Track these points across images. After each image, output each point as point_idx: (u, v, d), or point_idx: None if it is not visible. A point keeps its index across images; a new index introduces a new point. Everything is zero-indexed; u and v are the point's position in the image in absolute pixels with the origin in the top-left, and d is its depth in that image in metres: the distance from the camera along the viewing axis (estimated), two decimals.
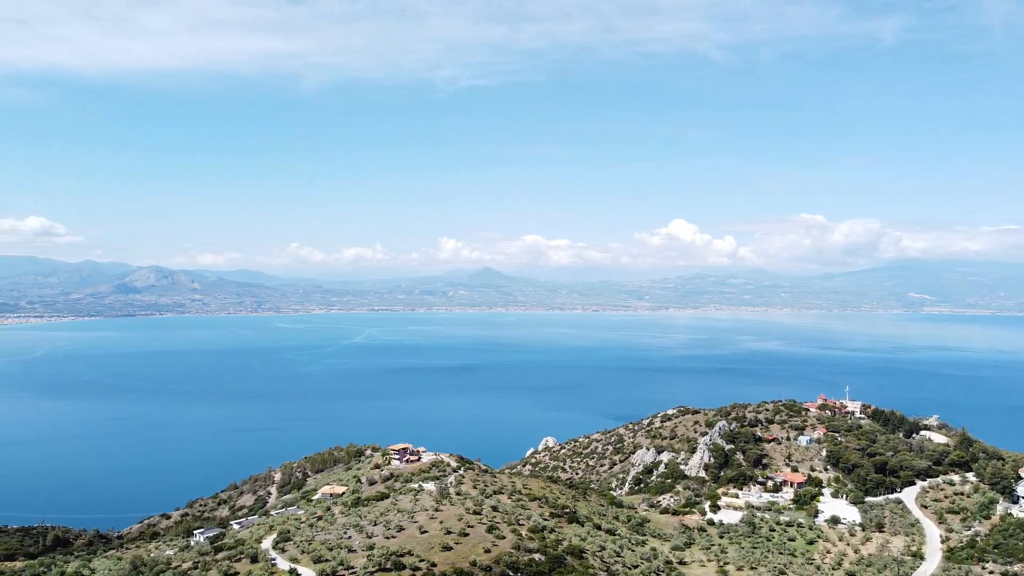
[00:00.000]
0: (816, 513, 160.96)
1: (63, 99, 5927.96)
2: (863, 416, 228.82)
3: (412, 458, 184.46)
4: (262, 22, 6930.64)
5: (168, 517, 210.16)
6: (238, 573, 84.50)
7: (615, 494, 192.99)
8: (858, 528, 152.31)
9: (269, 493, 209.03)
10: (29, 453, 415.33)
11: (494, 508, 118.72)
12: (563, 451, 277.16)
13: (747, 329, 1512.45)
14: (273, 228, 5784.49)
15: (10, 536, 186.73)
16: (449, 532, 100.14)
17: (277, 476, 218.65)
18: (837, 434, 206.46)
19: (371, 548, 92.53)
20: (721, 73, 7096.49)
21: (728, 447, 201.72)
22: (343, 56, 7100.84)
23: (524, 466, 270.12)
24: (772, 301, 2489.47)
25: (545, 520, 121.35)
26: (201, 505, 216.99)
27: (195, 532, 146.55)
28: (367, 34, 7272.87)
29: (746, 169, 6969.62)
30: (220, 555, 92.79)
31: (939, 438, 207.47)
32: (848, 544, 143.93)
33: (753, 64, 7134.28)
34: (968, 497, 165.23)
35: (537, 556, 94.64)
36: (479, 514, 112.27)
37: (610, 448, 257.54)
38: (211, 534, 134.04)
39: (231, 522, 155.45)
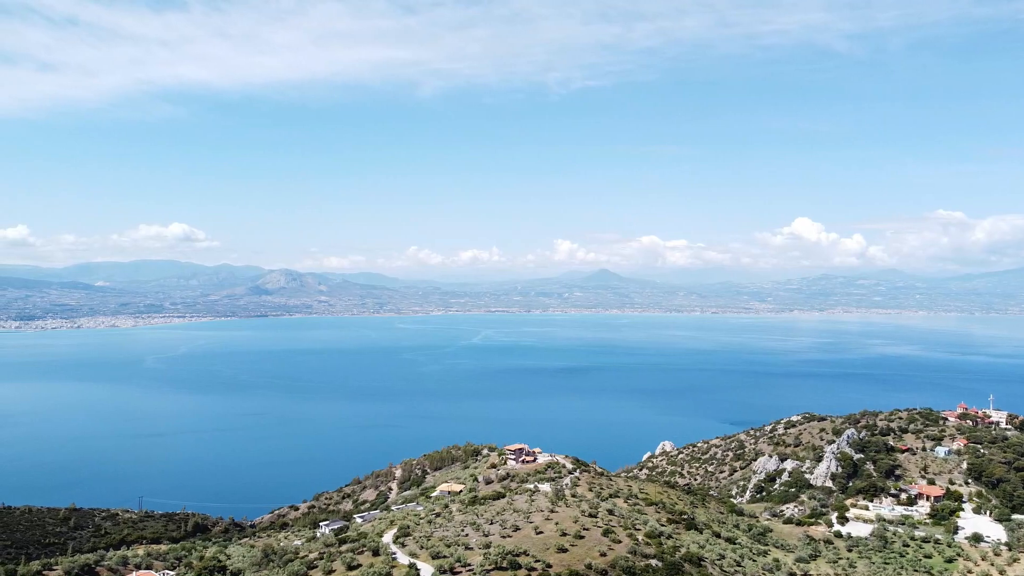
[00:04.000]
0: (956, 529, 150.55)
1: (202, 113, 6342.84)
2: (1010, 427, 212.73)
3: (528, 459, 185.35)
4: (381, 32, 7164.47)
5: (296, 509, 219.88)
6: (361, 565, 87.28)
7: (735, 502, 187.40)
8: (1004, 547, 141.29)
9: (390, 489, 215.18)
10: (172, 445, 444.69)
11: (610, 511, 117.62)
12: (681, 456, 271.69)
13: (878, 332, 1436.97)
14: (394, 232, 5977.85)
15: (156, 521, 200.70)
16: (564, 534, 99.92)
17: (397, 472, 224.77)
18: (980, 446, 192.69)
19: (487, 546, 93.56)
20: (846, 64, 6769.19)
21: (857, 456, 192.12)
22: (458, 62, 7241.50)
23: (640, 470, 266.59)
24: (905, 303, 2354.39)
25: (662, 526, 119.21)
26: (327, 498, 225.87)
27: (321, 524, 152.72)
28: (481, 40, 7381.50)
29: (875, 164, 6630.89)
30: (344, 547, 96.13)
31: None
32: (992, 564, 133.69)
33: (881, 54, 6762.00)
34: None
35: (654, 562, 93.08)
36: (595, 517, 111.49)
37: (730, 454, 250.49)
38: (336, 526, 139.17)
39: (354, 515, 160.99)
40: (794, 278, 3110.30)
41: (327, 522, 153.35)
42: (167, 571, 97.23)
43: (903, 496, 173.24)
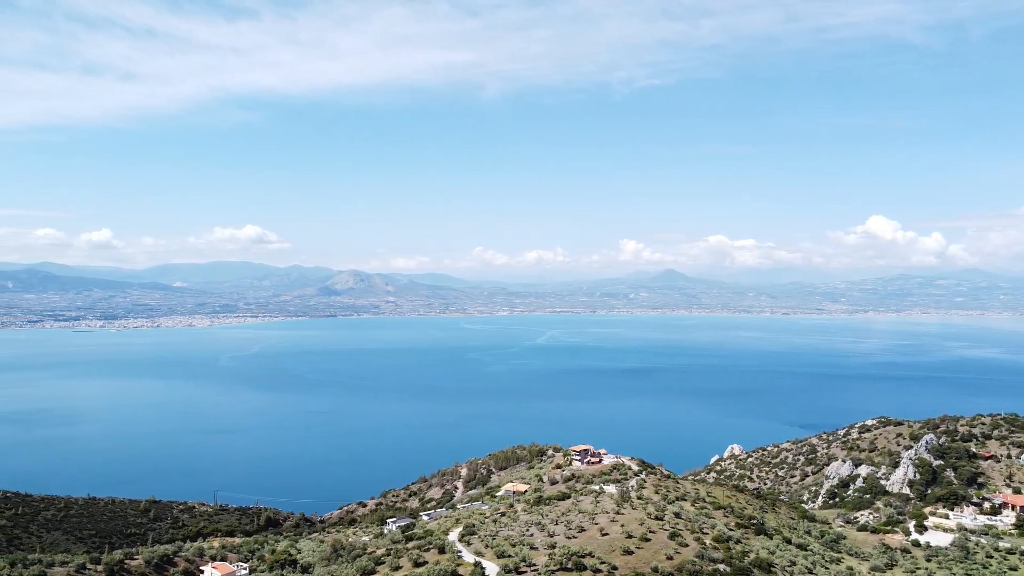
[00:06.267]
0: None
1: (272, 118, 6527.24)
2: None
3: (593, 460, 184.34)
4: (444, 35, 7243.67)
5: (364, 505, 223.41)
6: (427, 562, 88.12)
7: (806, 507, 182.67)
8: None
9: (455, 487, 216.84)
10: (246, 441, 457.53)
11: (676, 515, 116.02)
12: (750, 460, 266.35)
13: (958, 334, 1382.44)
14: (459, 233, 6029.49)
15: (230, 514, 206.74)
16: (630, 536, 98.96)
17: (463, 471, 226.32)
18: None
19: (552, 547, 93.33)
20: (922, 57, 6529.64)
21: (936, 463, 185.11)
22: (521, 63, 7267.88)
23: (708, 473, 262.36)
24: (989, 304, 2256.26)
25: (730, 530, 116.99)
26: (393, 496, 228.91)
27: (388, 521, 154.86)
28: (543, 40, 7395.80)
29: (955, 160, 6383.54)
30: (411, 544, 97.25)
31: None
32: None
33: (960, 45, 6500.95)
34: None
35: (722, 567, 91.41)
36: (661, 520, 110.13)
37: (801, 459, 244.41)
38: (402, 523, 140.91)
39: (421, 513, 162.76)
40: (869, 278, 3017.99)
41: (394, 519, 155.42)
42: (241, 563, 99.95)
43: (986, 505, 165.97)
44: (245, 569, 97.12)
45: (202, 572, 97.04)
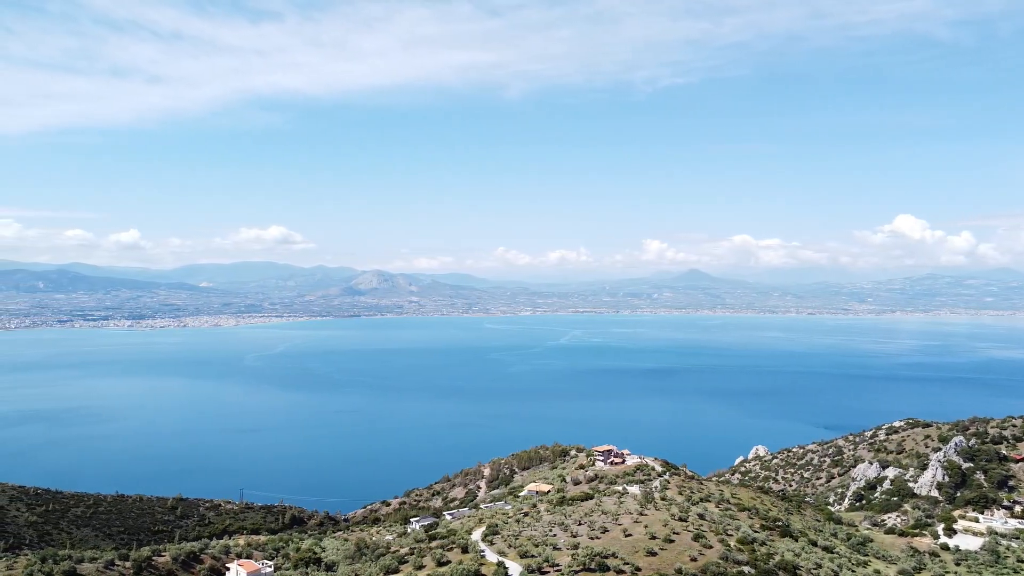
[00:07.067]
0: None
1: (297, 120, 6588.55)
2: None
3: (616, 460, 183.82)
4: (466, 36, 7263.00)
5: (388, 504, 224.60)
6: (450, 562, 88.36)
7: (832, 509, 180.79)
8: None
9: (478, 487, 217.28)
10: (271, 440, 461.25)
11: (700, 516, 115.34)
12: (775, 461, 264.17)
13: (989, 335, 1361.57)
14: (482, 233, 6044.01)
15: (256, 512, 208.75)
16: (654, 537, 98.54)
17: (486, 471, 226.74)
18: None
19: (575, 547, 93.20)
20: (949, 53, 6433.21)
21: (966, 465, 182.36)
22: (543, 63, 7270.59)
23: (732, 474, 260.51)
24: (1020, 304, 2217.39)
25: (755, 532, 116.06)
26: (417, 495, 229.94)
27: (411, 520, 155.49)
28: (566, 40, 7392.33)
29: (984, 158, 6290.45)
30: (434, 543, 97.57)
31: None
32: None
33: (989, 40, 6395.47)
34: None
35: (746, 569, 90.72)
36: (685, 521, 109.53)
37: (827, 460, 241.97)
38: (426, 523, 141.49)
39: (444, 512, 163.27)
40: (896, 278, 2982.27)
41: (417, 518, 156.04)
42: (266, 561, 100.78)
43: (1017, 508, 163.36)
44: (270, 567, 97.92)
45: (228, 569, 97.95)
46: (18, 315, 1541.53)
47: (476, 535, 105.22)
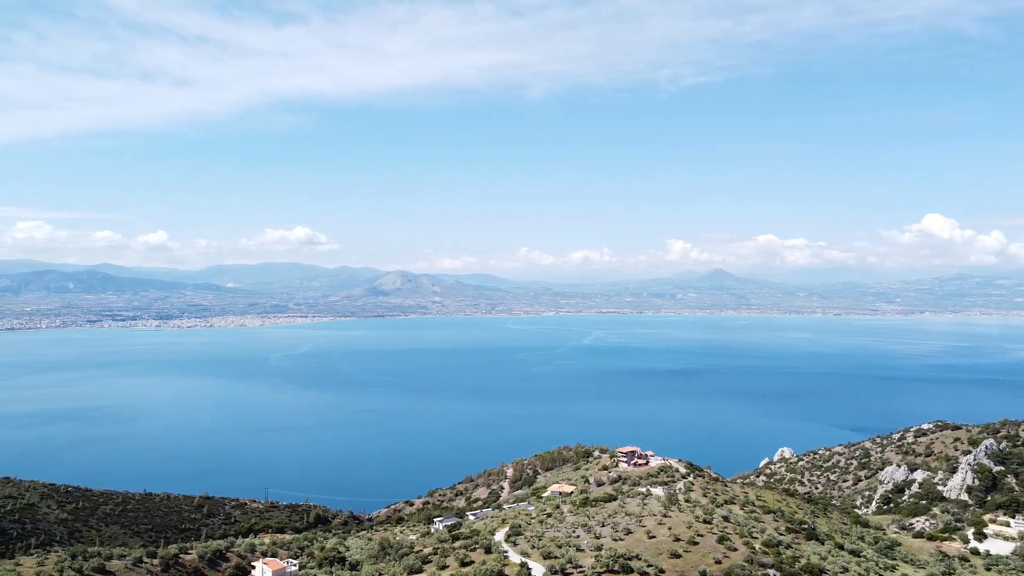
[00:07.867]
0: None
1: (321, 121, 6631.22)
2: None
3: (640, 461, 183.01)
4: (489, 36, 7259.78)
5: (411, 504, 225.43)
6: (473, 562, 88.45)
7: (859, 512, 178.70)
8: None
9: (501, 487, 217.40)
10: (295, 439, 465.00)
11: (725, 518, 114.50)
12: (801, 463, 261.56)
13: (1020, 336, 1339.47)
14: (505, 233, 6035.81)
15: (281, 511, 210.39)
16: (678, 539, 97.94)
17: (509, 472, 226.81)
18: None
19: (599, 549, 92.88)
20: (980, 49, 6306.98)
21: (997, 469, 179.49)
22: (566, 63, 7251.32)
23: (757, 477, 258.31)
24: None
25: (781, 535, 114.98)
26: (440, 495, 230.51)
27: (435, 520, 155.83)
28: (588, 40, 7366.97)
29: (1016, 156, 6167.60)
30: (457, 543, 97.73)
31: None
32: None
33: (1020, 36, 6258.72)
34: None
35: (772, 571, 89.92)
36: (709, 523, 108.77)
37: (854, 463, 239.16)
38: (449, 523, 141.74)
39: (467, 513, 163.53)
40: (925, 278, 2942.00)
41: (441, 518, 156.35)
42: (291, 560, 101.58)
43: None
44: (295, 565, 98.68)
45: (253, 568, 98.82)
46: (48, 315, 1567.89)
47: (499, 535, 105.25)
